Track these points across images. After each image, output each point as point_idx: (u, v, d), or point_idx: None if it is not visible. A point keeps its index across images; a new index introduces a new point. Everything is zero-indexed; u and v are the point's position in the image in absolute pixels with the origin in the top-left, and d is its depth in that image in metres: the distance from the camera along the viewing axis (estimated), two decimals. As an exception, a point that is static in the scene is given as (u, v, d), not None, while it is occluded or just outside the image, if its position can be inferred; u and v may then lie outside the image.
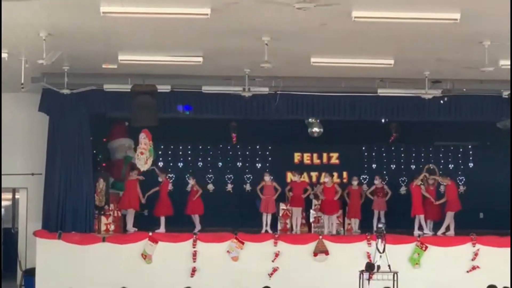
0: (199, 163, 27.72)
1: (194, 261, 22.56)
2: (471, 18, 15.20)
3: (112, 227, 23.33)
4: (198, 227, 23.74)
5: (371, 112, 23.68)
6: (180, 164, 26.99)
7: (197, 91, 22.58)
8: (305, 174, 27.97)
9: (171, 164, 27.82)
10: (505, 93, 22.56)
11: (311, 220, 24.82)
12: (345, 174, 27.15)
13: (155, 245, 22.56)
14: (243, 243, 22.76)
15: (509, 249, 22.77)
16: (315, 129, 25.57)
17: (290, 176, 27.19)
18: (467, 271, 22.67)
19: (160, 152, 26.09)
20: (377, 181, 25.19)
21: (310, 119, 25.22)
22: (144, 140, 22.99)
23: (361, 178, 26.33)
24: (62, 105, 22.34)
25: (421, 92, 21.90)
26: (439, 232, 23.98)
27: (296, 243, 23.03)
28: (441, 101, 22.71)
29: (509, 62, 18.94)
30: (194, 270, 22.48)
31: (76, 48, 18.23)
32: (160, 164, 26.63)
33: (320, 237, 23.15)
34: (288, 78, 21.99)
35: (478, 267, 22.73)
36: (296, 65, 20.04)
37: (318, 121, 25.25)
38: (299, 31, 16.64)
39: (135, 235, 22.90)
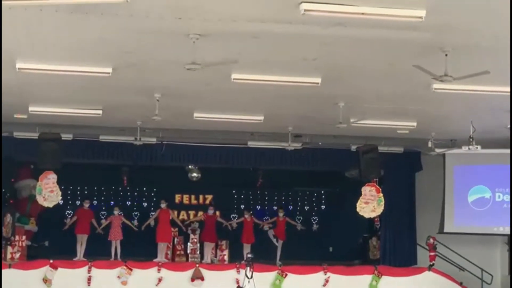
0: (94, 202, 27.16)
1: (89, 285, 21.98)
2: (330, 83, 15.38)
3: (17, 255, 22.69)
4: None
5: (242, 161, 23.75)
6: (77, 203, 26.38)
7: (95, 140, 22.31)
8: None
9: (70, 202, 27.23)
10: (353, 147, 22.91)
11: (188, 251, 24.49)
12: (218, 213, 27.01)
13: (55, 271, 21.99)
14: (131, 270, 22.39)
15: (355, 276, 23.19)
16: (194, 174, 25.49)
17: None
18: (320, 295, 22.87)
19: (60, 192, 25.37)
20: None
21: (190, 166, 25.12)
22: (53, 180, 22.45)
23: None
24: (-24, 149, 21.68)
25: (284, 145, 22.05)
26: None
27: (176, 270, 22.79)
28: (302, 154, 22.93)
29: (356, 120, 19.30)
30: (89, 293, 22.06)
31: (-8, 99, 17.68)
32: (60, 202, 26.03)
33: (197, 265, 23.00)
34: (173, 130, 21.87)
35: (328, 291, 22.97)
36: (181, 118, 19.90)
37: (196, 167, 25.17)
38: (186, 89, 16.56)
39: (38, 262, 22.23)
